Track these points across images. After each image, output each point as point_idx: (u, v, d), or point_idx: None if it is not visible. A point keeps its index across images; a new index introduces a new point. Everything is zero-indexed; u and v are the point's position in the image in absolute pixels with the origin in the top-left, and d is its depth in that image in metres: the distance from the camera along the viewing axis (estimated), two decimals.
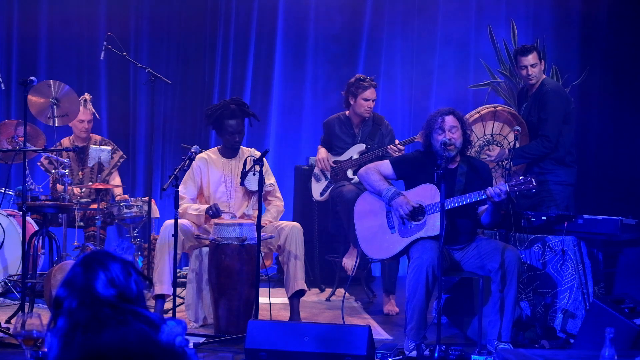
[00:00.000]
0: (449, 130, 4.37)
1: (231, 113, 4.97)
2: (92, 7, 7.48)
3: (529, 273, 4.65)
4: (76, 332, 2.13)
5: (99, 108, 6.92)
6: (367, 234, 4.59)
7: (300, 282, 4.89)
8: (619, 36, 6.86)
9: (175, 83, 7.31)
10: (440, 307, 4.17)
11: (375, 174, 4.56)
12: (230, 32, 7.61)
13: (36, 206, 5.27)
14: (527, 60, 5.32)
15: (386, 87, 7.62)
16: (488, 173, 4.56)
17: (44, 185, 6.15)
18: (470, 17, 7.54)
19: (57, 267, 4.99)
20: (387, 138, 5.72)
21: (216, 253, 4.67)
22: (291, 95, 7.71)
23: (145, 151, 7.48)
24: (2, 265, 5.72)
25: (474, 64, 7.45)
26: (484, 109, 5.24)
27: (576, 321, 4.52)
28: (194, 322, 4.89)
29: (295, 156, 7.47)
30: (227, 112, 4.97)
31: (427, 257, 4.18)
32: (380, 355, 4.06)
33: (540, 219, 4.70)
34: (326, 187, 5.82)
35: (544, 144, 5.25)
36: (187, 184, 5.02)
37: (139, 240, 6.08)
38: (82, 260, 2.28)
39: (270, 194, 5.15)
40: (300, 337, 3.92)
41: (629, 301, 4.13)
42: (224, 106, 5.02)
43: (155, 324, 2.18)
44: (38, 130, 5.73)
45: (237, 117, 4.99)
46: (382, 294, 5.65)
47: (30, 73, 6.33)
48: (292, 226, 4.93)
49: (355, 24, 7.66)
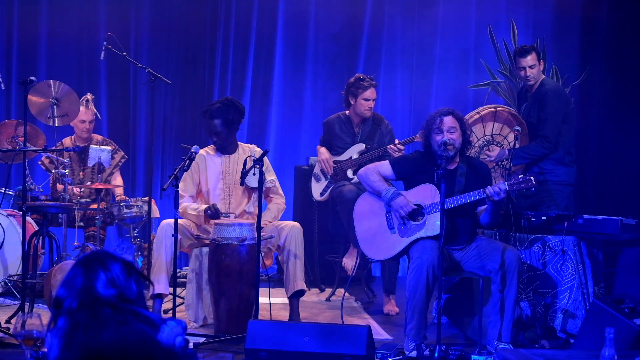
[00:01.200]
0: (447, 130, 4.37)
1: (211, 113, 4.97)
2: (92, 7, 7.48)
3: (529, 273, 4.65)
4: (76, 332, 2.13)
5: (99, 108, 6.92)
6: (367, 235, 4.59)
7: (299, 282, 4.89)
8: (619, 36, 6.86)
9: (175, 83, 7.31)
10: (440, 307, 4.17)
11: (375, 174, 4.56)
12: (230, 32, 7.61)
13: (36, 206, 5.28)
14: (525, 61, 5.31)
15: (386, 87, 7.62)
16: (488, 173, 4.56)
17: (44, 185, 6.16)
18: (470, 17, 7.53)
19: (57, 267, 4.99)
20: (387, 138, 5.72)
21: (216, 253, 4.67)
22: (291, 95, 7.71)
23: (145, 151, 7.48)
24: (2, 265, 5.72)
25: (474, 64, 7.45)
26: (484, 110, 5.24)
27: (576, 321, 4.52)
28: (194, 322, 4.89)
29: (295, 156, 7.47)
30: (209, 112, 4.98)
31: (427, 257, 4.18)
32: (380, 355, 4.06)
33: (540, 219, 4.70)
34: (326, 187, 5.82)
35: (543, 144, 5.25)
36: (186, 182, 5.01)
37: (139, 240, 6.08)
38: (82, 260, 2.28)
39: (271, 190, 5.14)
40: (300, 337, 3.92)
41: (629, 301, 4.13)
42: (211, 105, 5.05)
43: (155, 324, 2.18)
44: (38, 130, 5.73)
45: (216, 117, 4.97)
46: (382, 294, 5.65)
47: (30, 73, 6.33)
48: (291, 226, 4.93)
49: (355, 24, 7.66)
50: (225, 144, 5.04)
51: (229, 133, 5.01)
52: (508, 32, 6.95)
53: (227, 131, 4.99)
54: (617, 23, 6.90)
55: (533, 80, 5.37)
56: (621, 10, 6.84)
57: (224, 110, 4.96)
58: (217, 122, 4.96)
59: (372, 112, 5.73)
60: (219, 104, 5.00)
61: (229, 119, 4.96)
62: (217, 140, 5.01)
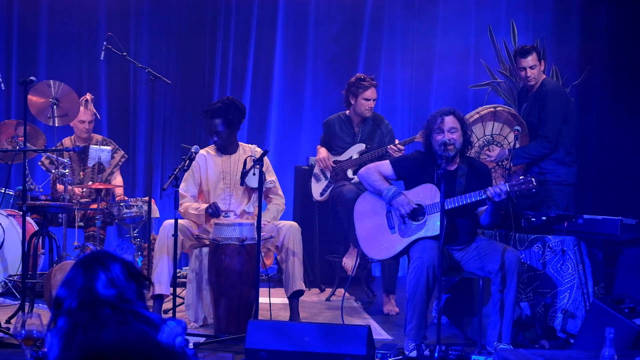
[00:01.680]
0: (448, 130, 4.37)
1: (212, 113, 4.97)
2: (92, 7, 7.49)
3: (529, 273, 4.65)
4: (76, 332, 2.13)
5: (99, 108, 6.92)
6: (367, 234, 4.59)
7: (298, 282, 4.89)
8: (619, 36, 6.86)
9: (175, 83, 7.31)
10: (440, 307, 4.17)
11: (376, 174, 4.56)
12: (230, 32, 7.61)
13: (36, 206, 5.27)
14: (526, 61, 5.31)
15: (386, 87, 7.62)
16: (488, 174, 4.56)
17: (44, 185, 6.16)
18: (470, 17, 7.54)
19: (57, 267, 4.99)
20: (387, 137, 5.72)
21: (216, 253, 4.67)
22: (291, 95, 7.71)
23: (145, 151, 7.48)
24: (2, 265, 5.72)
25: (474, 64, 7.44)
26: (484, 110, 5.23)
27: (576, 321, 4.52)
28: (194, 322, 4.89)
29: (295, 156, 7.47)
30: (210, 111, 4.97)
31: (428, 257, 4.18)
32: (380, 355, 4.06)
33: (540, 219, 4.69)
34: (326, 187, 5.82)
35: (544, 144, 5.25)
36: (187, 182, 5.01)
37: (139, 240, 6.08)
38: (82, 260, 2.28)
39: (271, 191, 5.14)
40: (300, 337, 3.92)
41: (629, 301, 4.13)
42: (212, 105, 5.05)
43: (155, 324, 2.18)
44: (38, 130, 5.73)
45: (217, 117, 4.96)
46: (382, 294, 5.65)
47: (30, 73, 6.34)
48: (289, 226, 4.93)
49: (355, 24, 7.67)
50: (226, 144, 5.03)
51: (229, 133, 5.00)
52: (508, 32, 6.95)
53: (227, 131, 4.99)
54: (617, 23, 6.90)
55: (534, 81, 5.37)
56: (621, 11, 6.84)
57: (225, 110, 4.95)
58: (217, 122, 4.95)
59: (372, 112, 5.73)
60: (219, 104, 5.00)
61: (230, 118, 4.96)
62: (217, 140, 5.01)
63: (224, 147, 5.05)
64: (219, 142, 5.02)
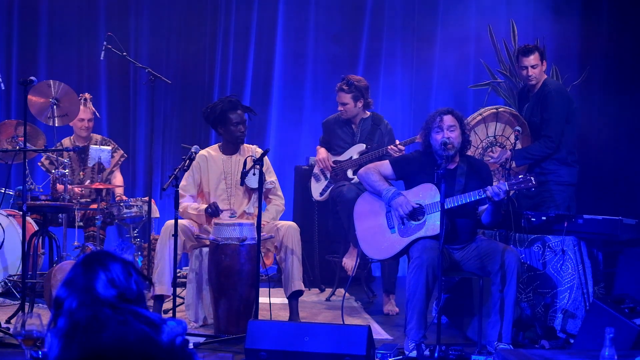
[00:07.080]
0: (447, 129, 4.37)
1: (233, 105, 5.00)
2: (92, 7, 7.49)
3: (528, 273, 4.65)
4: (76, 332, 2.13)
5: (99, 108, 6.92)
6: (367, 234, 4.59)
7: (297, 283, 4.89)
8: (619, 36, 6.85)
9: (175, 83, 7.31)
10: (440, 307, 4.17)
11: (375, 174, 4.56)
12: (230, 32, 7.61)
13: (36, 206, 5.27)
14: (528, 60, 5.31)
15: (386, 87, 7.62)
16: (488, 173, 4.56)
17: (44, 185, 6.16)
18: (470, 17, 7.53)
19: (57, 267, 4.99)
20: (387, 137, 5.72)
21: (216, 253, 4.67)
22: (291, 95, 7.71)
23: (145, 151, 7.49)
24: (2, 265, 5.72)
25: (474, 64, 7.45)
26: (486, 111, 5.23)
27: (576, 321, 4.52)
28: (194, 322, 4.90)
29: (295, 156, 7.47)
30: (229, 106, 4.99)
31: (427, 256, 4.18)
32: (380, 355, 4.06)
33: (540, 219, 4.69)
34: (326, 187, 5.82)
35: (546, 144, 5.24)
36: (187, 182, 5.02)
37: (139, 240, 6.08)
38: (82, 260, 2.28)
39: (271, 192, 5.14)
40: (300, 337, 3.92)
41: (629, 301, 4.12)
42: (223, 101, 5.06)
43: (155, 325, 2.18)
44: (38, 130, 5.73)
45: (239, 109, 5.02)
46: (382, 294, 5.65)
47: (30, 73, 6.33)
48: (288, 226, 4.93)
49: (355, 24, 7.67)
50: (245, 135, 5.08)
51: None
52: (508, 32, 6.95)
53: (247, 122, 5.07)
54: (617, 23, 6.90)
55: (535, 80, 5.36)
56: (621, 11, 6.84)
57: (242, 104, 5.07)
58: (241, 113, 5.01)
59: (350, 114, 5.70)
60: (231, 99, 5.06)
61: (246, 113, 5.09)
62: (244, 131, 5.05)
63: (243, 139, 5.06)
64: (244, 134, 5.06)
